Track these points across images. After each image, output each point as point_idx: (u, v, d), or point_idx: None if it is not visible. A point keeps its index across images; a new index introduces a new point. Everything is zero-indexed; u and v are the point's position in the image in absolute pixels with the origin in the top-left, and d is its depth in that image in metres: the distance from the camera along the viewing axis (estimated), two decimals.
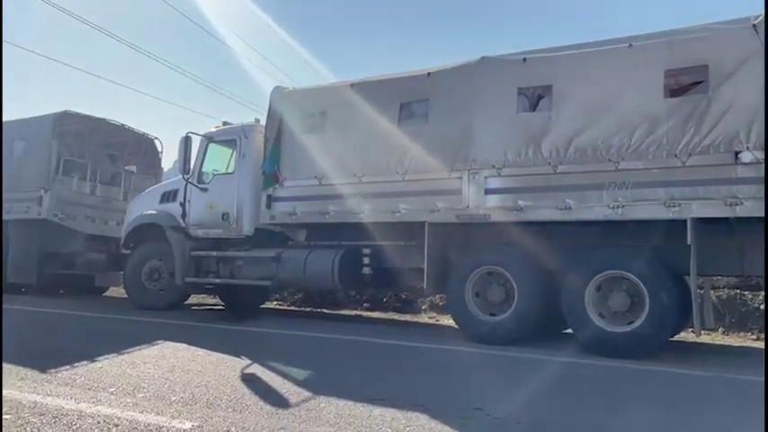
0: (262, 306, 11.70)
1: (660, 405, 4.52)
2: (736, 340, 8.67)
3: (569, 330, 7.21)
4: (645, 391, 5.05)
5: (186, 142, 9.67)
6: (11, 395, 4.01)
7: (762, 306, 8.99)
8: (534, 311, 7.13)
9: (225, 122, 10.46)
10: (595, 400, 4.71)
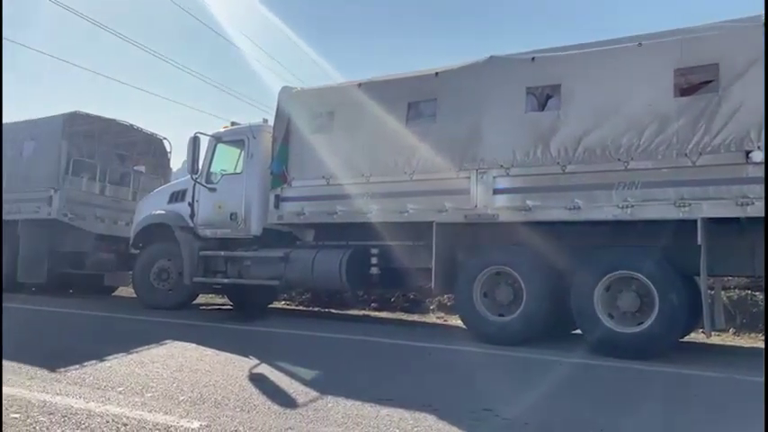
0: (270, 306, 11.73)
1: (670, 406, 4.48)
2: (747, 341, 8.59)
3: (578, 331, 7.18)
4: (655, 392, 5.01)
5: (195, 142, 9.71)
6: (20, 394, 4.03)
7: None
8: (543, 312, 7.10)
9: (233, 123, 10.50)
10: (604, 401, 4.68)
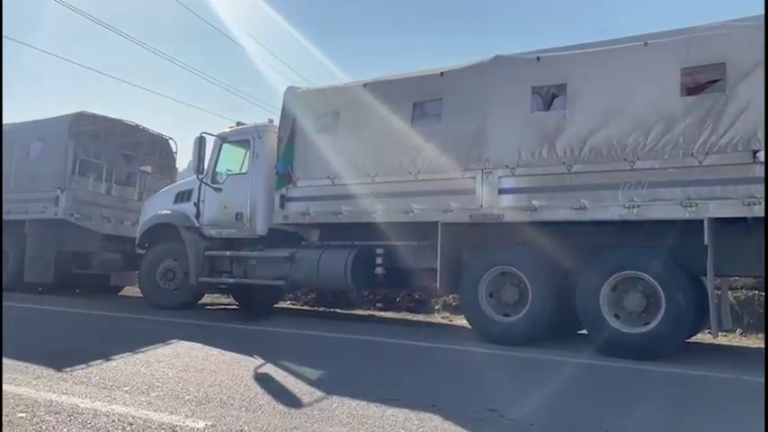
0: (275, 306, 11.75)
1: (677, 407, 4.47)
2: (754, 341, 8.54)
3: (584, 331, 7.15)
4: (661, 392, 4.99)
5: (200, 142, 9.72)
6: (27, 393, 4.05)
7: None
8: (548, 312, 7.08)
9: (239, 123, 10.52)
10: (610, 401, 4.66)
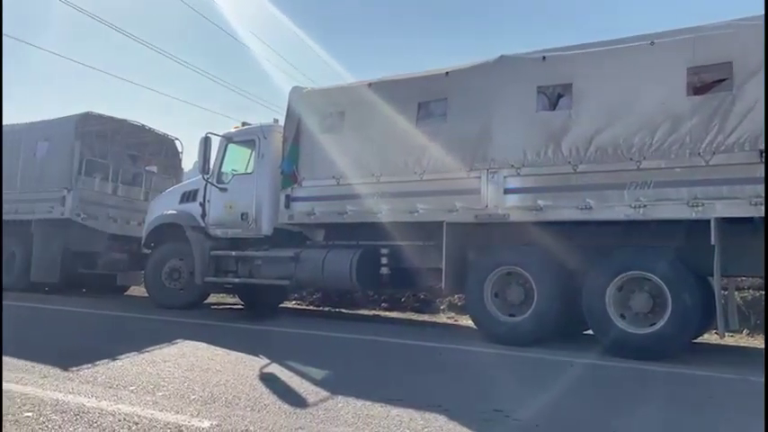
0: (280, 305, 11.76)
1: (683, 408, 4.44)
2: (761, 342, 8.48)
3: (590, 332, 7.13)
4: (667, 393, 4.97)
5: (206, 143, 9.75)
6: (33, 393, 4.06)
7: None
8: (554, 312, 7.06)
9: (244, 123, 10.52)
10: (616, 402, 4.64)
